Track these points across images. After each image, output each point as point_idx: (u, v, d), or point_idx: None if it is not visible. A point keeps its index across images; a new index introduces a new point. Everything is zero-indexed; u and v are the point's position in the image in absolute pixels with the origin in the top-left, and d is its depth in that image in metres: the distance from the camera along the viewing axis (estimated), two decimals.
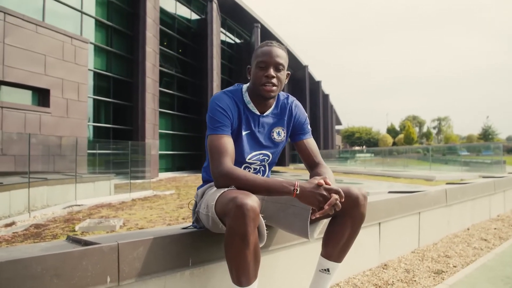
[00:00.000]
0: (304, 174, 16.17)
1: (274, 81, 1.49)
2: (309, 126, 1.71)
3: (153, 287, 1.39)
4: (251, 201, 1.20)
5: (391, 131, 71.36)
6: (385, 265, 2.48)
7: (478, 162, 17.28)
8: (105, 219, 5.36)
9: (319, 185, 1.31)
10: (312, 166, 1.63)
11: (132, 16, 15.35)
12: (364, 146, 65.59)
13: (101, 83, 14.22)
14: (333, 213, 1.32)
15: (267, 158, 1.65)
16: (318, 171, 1.56)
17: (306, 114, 1.71)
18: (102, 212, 6.49)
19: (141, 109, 14.70)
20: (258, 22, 25.15)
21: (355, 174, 18.53)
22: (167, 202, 7.55)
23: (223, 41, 24.74)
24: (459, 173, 14.66)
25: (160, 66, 16.56)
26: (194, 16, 21.43)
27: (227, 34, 26.09)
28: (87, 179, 8.50)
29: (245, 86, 1.61)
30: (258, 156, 1.61)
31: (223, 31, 24.87)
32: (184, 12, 20.58)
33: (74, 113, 10.25)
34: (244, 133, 1.56)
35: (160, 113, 16.57)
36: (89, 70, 11.94)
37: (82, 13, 12.84)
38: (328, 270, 1.52)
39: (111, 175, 9.34)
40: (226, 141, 1.45)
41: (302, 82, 34.12)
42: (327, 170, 1.56)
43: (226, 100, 1.52)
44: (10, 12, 8.59)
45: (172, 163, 19.36)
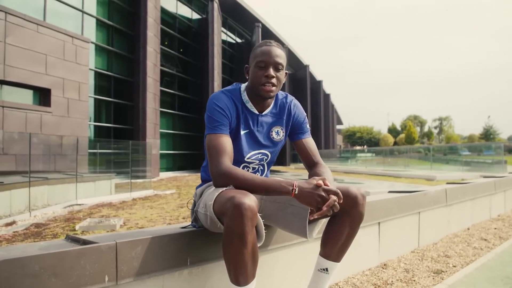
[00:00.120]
0: (304, 174, 16.14)
1: (274, 81, 1.49)
2: (308, 126, 1.71)
3: (151, 287, 1.39)
4: (249, 200, 1.19)
5: (392, 131, 71.28)
6: (384, 264, 2.47)
7: (479, 162, 17.23)
8: (105, 219, 5.37)
9: (318, 185, 1.30)
10: (311, 166, 1.63)
11: (133, 15, 15.35)
12: (365, 146, 65.48)
13: (102, 83, 14.23)
14: (331, 214, 1.32)
15: (266, 157, 1.65)
16: (317, 171, 1.56)
17: (305, 114, 1.71)
18: (102, 211, 6.50)
19: (142, 108, 14.71)
20: (259, 21, 25.16)
21: (356, 174, 18.50)
22: (168, 202, 7.55)
23: (224, 40, 24.75)
24: (460, 173, 14.62)
25: (161, 65, 16.56)
26: (195, 15, 21.43)
27: (228, 33, 26.09)
28: (88, 179, 8.51)
29: (243, 85, 1.61)
30: (257, 155, 1.61)
31: (224, 31, 24.87)
32: (185, 11, 20.59)
33: (75, 112, 10.27)
34: (242, 132, 1.56)
35: (161, 112, 16.58)
36: (90, 69, 11.96)
37: (83, 12, 12.85)
38: (326, 269, 1.52)
39: (112, 175, 9.35)
40: (225, 140, 1.45)
41: (303, 82, 34.06)
42: (326, 169, 1.57)
43: (224, 99, 1.51)
44: (11, 11, 8.60)
45: (173, 163, 19.37)
